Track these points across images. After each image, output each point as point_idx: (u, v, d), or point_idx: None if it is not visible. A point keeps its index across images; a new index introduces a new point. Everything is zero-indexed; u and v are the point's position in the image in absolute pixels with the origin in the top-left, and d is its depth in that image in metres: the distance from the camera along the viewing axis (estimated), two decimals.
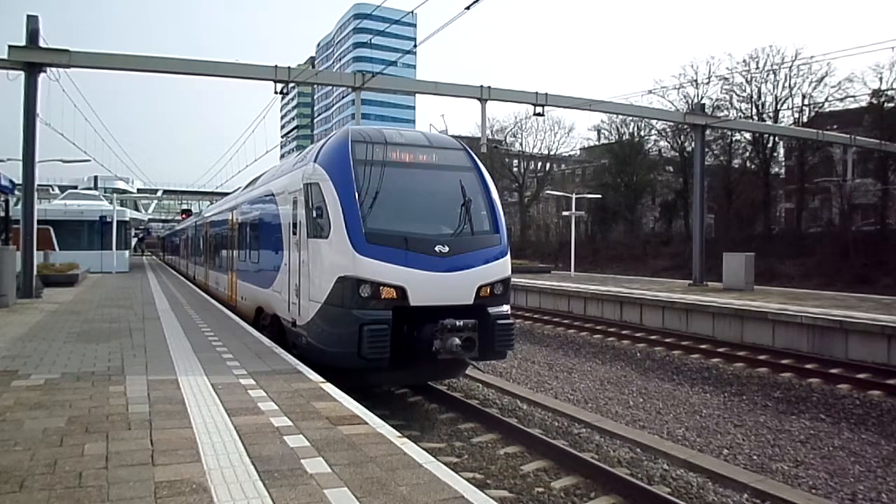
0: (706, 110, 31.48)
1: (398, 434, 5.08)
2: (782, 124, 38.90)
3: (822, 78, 38.11)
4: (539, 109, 22.07)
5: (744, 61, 41.78)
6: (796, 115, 39.79)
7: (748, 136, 41.15)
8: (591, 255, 44.60)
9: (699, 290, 22.32)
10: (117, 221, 28.06)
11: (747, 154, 43.84)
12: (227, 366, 7.59)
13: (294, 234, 9.64)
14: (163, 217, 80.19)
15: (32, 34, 16.73)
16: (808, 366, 12.90)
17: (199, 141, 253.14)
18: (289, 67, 18.86)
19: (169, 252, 48.40)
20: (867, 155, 35.03)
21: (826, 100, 38.50)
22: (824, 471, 7.63)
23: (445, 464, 4.62)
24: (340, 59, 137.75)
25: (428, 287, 8.20)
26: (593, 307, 21.30)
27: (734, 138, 42.45)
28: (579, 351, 15.68)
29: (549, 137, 58.75)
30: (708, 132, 29.80)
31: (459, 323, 8.06)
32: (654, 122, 44.30)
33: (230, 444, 4.68)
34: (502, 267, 8.91)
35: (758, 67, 39.52)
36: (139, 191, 66.72)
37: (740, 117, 38.35)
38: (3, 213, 18.44)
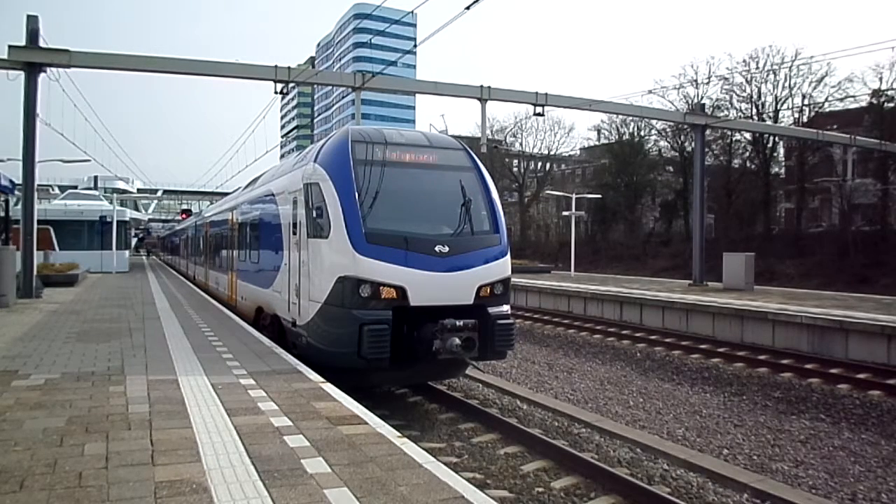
0: (706, 110, 31.49)
1: (398, 434, 5.08)
2: (782, 124, 38.87)
3: (822, 78, 38.11)
4: (539, 109, 22.09)
5: (744, 61, 41.80)
6: (796, 115, 39.79)
7: (748, 136, 41.11)
8: (591, 255, 44.57)
9: (699, 290, 22.32)
10: (117, 221, 28.10)
11: (747, 154, 43.80)
12: (227, 366, 7.59)
13: (294, 234, 9.63)
14: (163, 217, 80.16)
15: (32, 34, 16.74)
16: (808, 366, 12.90)
17: (199, 141, 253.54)
18: (289, 67, 18.87)
19: (169, 252, 48.35)
20: (867, 155, 35.06)
21: (826, 100, 38.48)
22: (824, 471, 7.63)
23: (445, 464, 4.62)
24: (340, 59, 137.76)
25: (428, 287, 8.20)
26: (593, 307, 21.30)
27: (734, 138, 42.41)
28: (579, 351, 15.67)
29: (549, 137, 58.77)
30: (708, 132, 29.78)
31: (459, 323, 8.06)
32: (654, 122, 44.28)
33: (230, 444, 4.68)
34: (502, 267, 8.91)
35: (758, 67, 39.52)
36: (139, 191, 66.82)
37: (740, 117, 38.32)
38: (3, 213, 18.41)
